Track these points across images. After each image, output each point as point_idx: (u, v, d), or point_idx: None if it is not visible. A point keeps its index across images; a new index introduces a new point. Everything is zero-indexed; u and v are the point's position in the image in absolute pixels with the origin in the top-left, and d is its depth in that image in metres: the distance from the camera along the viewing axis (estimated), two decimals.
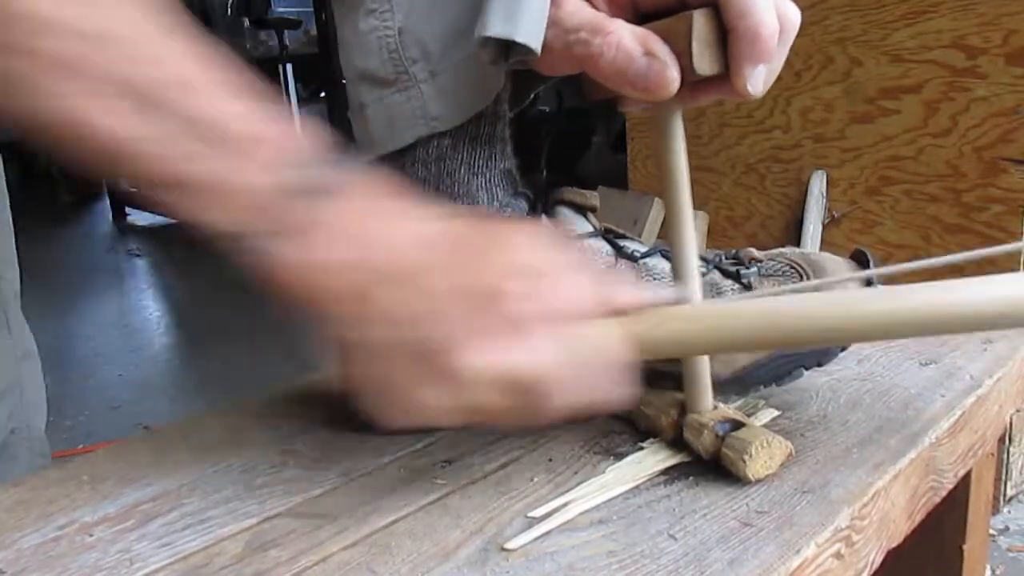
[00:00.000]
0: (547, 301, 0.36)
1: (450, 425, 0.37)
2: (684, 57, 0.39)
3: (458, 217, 0.39)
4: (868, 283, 0.53)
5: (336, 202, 0.36)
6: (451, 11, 0.46)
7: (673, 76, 0.39)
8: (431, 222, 0.38)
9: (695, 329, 0.39)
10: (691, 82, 0.40)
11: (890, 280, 0.47)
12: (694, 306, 0.41)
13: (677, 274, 0.45)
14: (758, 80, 0.39)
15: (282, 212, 0.35)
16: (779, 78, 0.42)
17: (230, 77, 0.36)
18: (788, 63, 0.41)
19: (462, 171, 0.49)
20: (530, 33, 0.40)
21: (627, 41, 0.39)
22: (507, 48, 0.41)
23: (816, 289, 0.52)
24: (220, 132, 0.35)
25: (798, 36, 0.40)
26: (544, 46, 0.41)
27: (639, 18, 0.42)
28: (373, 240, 0.36)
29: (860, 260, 0.54)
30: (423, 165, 0.49)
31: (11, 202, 0.69)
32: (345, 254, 0.36)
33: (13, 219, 0.70)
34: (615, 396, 0.38)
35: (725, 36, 0.39)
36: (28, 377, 0.70)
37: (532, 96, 0.52)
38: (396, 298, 0.36)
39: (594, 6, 0.42)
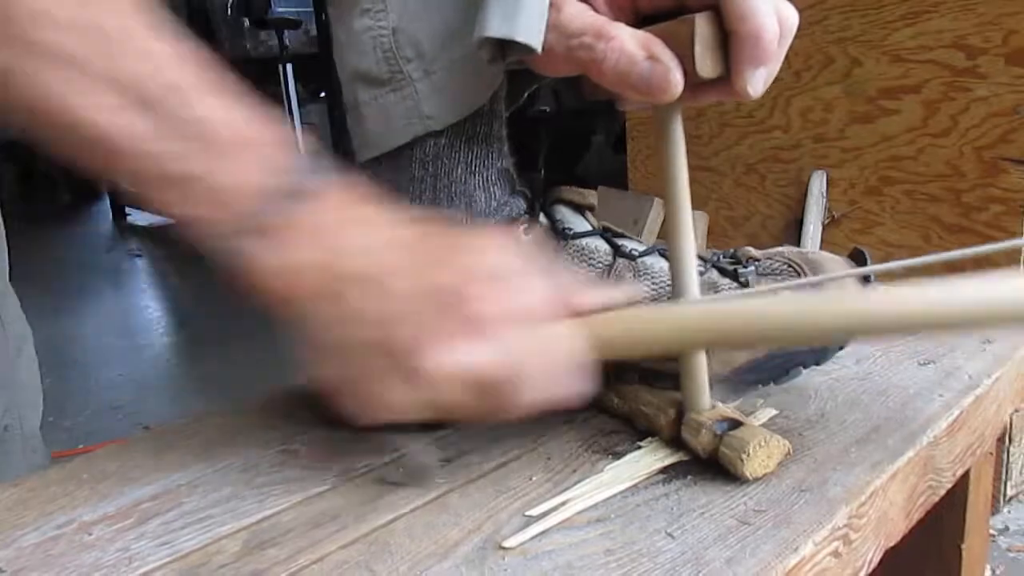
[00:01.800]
0: (508, 303, 0.38)
1: (417, 419, 0.39)
2: (686, 60, 0.39)
3: (427, 222, 0.40)
4: (866, 279, 0.53)
5: (312, 206, 0.38)
6: (445, 10, 0.46)
7: (676, 79, 0.39)
8: (401, 227, 0.40)
9: (648, 330, 0.41)
10: (692, 84, 0.40)
11: (888, 278, 0.47)
12: (647, 307, 0.43)
13: (676, 273, 0.45)
14: (758, 82, 0.40)
15: (261, 215, 0.37)
16: (779, 78, 0.42)
17: (218, 79, 0.37)
18: (788, 63, 0.41)
19: (459, 170, 0.49)
20: (530, 32, 0.40)
21: (630, 45, 0.39)
22: (505, 47, 0.41)
23: (814, 286, 0.52)
24: (207, 133, 0.36)
25: (798, 36, 0.41)
26: (545, 49, 0.41)
27: (639, 20, 0.42)
28: (345, 244, 0.38)
29: (858, 260, 0.54)
30: (420, 164, 0.49)
31: (11, 202, 0.70)
32: (317, 256, 0.38)
33: (13, 219, 0.70)
34: (574, 393, 0.40)
35: (726, 39, 0.39)
36: (23, 373, 0.70)
37: (527, 95, 0.52)
38: (365, 299, 0.37)
39: (595, 9, 0.42)
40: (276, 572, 0.38)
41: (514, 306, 0.38)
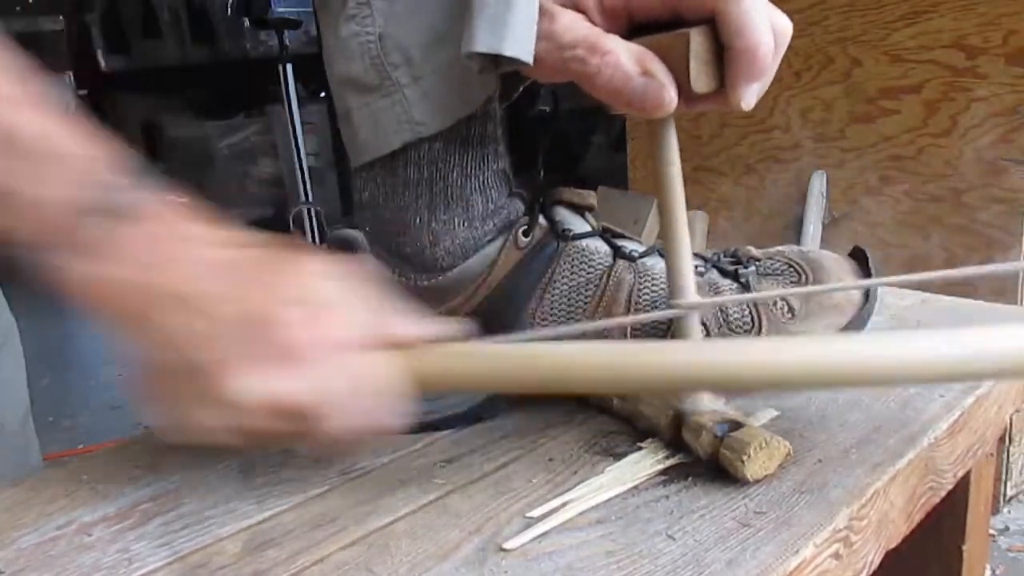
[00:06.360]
0: (322, 331, 0.37)
1: (229, 445, 0.39)
2: (681, 75, 0.39)
3: (252, 244, 0.39)
4: (867, 292, 0.53)
5: (131, 223, 0.37)
6: (431, 15, 0.46)
7: (671, 96, 0.39)
8: (222, 248, 0.39)
9: (469, 367, 0.40)
10: (687, 96, 0.40)
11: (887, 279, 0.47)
12: (472, 344, 0.41)
13: (672, 280, 0.45)
14: (752, 96, 0.40)
15: (76, 229, 0.36)
16: (779, 78, 0.42)
17: (39, 92, 0.37)
18: (788, 63, 0.41)
19: (454, 174, 0.49)
20: (519, 45, 0.40)
21: (624, 61, 0.39)
22: (496, 58, 0.41)
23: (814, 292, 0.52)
24: (19, 145, 0.35)
25: (798, 36, 0.40)
26: (538, 59, 0.41)
27: (632, 28, 0.42)
28: (160, 263, 0.37)
29: (859, 258, 0.54)
30: (415, 168, 0.49)
31: None
32: (130, 274, 0.37)
33: None
34: (388, 425, 0.39)
35: (721, 52, 0.39)
36: (6, 368, 0.68)
37: (520, 90, 0.52)
38: (175, 320, 0.37)
39: (589, 17, 0.41)
40: (277, 573, 0.38)
41: (328, 335, 0.37)
